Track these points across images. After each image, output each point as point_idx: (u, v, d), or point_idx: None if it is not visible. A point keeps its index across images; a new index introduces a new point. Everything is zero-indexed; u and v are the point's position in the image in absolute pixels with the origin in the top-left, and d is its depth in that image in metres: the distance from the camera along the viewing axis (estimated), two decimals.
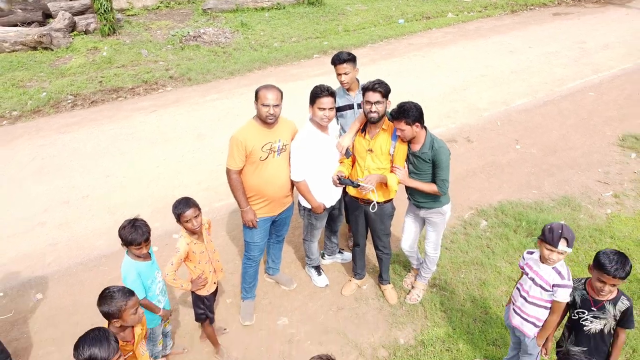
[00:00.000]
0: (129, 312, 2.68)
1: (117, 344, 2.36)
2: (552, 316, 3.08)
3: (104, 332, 2.35)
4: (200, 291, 3.54)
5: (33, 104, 8.43)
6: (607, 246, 4.95)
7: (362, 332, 4.11)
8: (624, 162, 6.45)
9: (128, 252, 3.29)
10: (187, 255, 3.38)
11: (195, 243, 3.39)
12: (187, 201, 3.32)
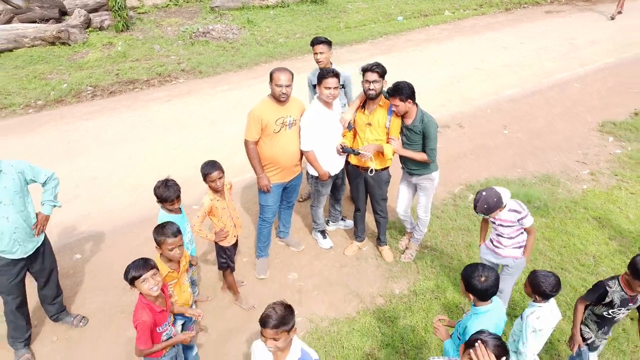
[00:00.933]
0: (166, 246, 3.27)
1: (149, 265, 3.01)
2: (530, 237, 3.86)
3: (141, 259, 3.05)
4: (222, 242, 4.13)
5: (56, 94, 9.04)
6: (580, 215, 5.57)
7: (363, 284, 4.72)
8: (602, 145, 7.06)
9: (162, 207, 3.89)
10: (211, 210, 3.97)
11: (217, 200, 3.99)
12: (214, 164, 3.92)
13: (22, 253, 3.80)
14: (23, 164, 3.75)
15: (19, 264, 3.82)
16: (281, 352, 2.58)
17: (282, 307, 2.54)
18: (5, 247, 3.70)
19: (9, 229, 3.66)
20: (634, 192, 5.97)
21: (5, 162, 3.63)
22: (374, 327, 4.25)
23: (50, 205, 3.97)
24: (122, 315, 4.46)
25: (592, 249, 5.10)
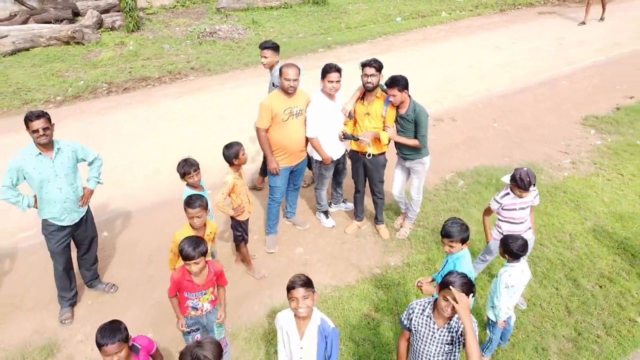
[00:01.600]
0: (187, 214, 3.82)
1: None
2: (533, 214, 4.37)
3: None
4: (239, 217, 4.69)
5: (73, 90, 9.60)
6: (560, 199, 6.13)
7: (361, 257, 5.28)
8: (584, 137, 7.61)
9: (186, 185, 4.45)
10: (233, 188, 4.52)
11: (237, 179, 4.54)
12: (239, 144, 4.47)
13: (69, 221, 4.37)
14: (76, 145, 4.35)
15: (65, 230, 4.39)
16: (304, 320, 2.95)
17: (304, 275, 2.98)
18: (56, 215, 4.27)
19: (61, 199, 4.24)
20: (610, 179, 6.53)
21: (63, 142, 4.23)
22: (371, 293, 4.80)
23: (94, 182, 4.56)
24: (147, 284, 5.02)
25: (568, 227, 5.65)
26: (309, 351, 2.97)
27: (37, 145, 4.13)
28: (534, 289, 4.85)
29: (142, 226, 5.82)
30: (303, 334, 2.98)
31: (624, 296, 4.80)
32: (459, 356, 2.96)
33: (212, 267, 3.66)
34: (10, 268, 5.28)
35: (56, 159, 4.21)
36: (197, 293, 3.60)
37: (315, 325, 2.99)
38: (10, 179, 4.14)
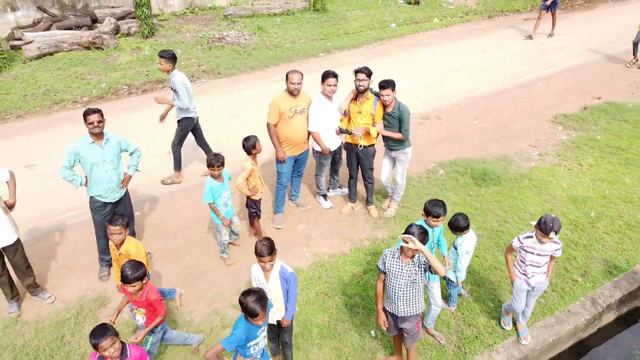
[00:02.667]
0: (110, 231, 4.52)
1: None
2: (552, 262, 4.54)
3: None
4: (254, 196, 5.71)
5: (97, 91, 10.63)
6: (525, 185, 7.15)
7: (354, 232, 6.30)
8: (552, 133, 8.63)
9: (210, 175, 5.43)
10: (251, 172, 5.53)
11: (254, 165, 5.56)
12: (255, 137, 5.48)
13: (111, 199, 5.39)
14: (121, 137, 5.37)
15: (108, 206, 5.41)
16: (269, 270, 3.95)
17: (267, 240, 3.89)
18: (101, 192, 5.29)
19: (106, 180, 5.26)
20: (570, 169, 7.55)
21: (111, 134, 5.25)
22: (362, 259, 5.83)
23: (133, 169, 5.57)
24: (175, 253, 6.04)
25: (530, 208, 6.68)
26: (275, 290, 4.00)
27: (91, 135, 5.15)
28: (496, 256, 5.88)
29: (165, 208, 6.85)
30: (269, 278, 4.00)
31: (570, 262, 5.83)
32: (422, 287, 3.97)
33: (147, 295, 4.05)
34: (61, 240, 6.31)
35: (104, 147, 5.23)
36: (134, 306, 4.15)
37: (276, 271, 3.98)
38: (68, 161, 5.17)
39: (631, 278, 5.67)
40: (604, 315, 5.50)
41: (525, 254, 4.48)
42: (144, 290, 4.03)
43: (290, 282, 4.02)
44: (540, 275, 4.53)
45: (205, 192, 5.36)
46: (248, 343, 3.57)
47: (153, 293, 4.09)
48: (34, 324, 5.06)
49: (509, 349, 4.87)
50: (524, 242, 4.46)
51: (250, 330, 3.53)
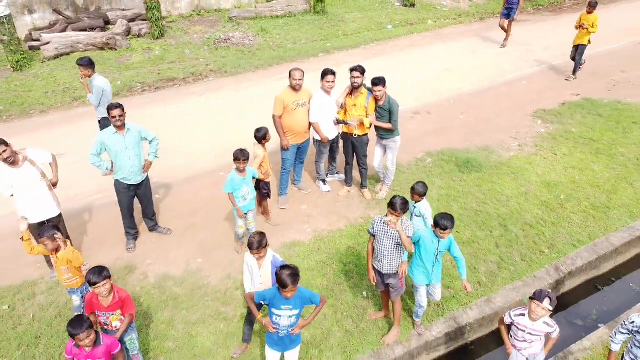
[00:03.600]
0: (41, 242, 5.45)
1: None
2: (550, 341, 4.42)
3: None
4: (266, 179, 6.51)
5: (113, 89, 11.34)
6: (504, 172, 7.96)
7: (350, 212, 7.12)
8: (532, 126, 9.44)
9: (235, 169, 6.12)
10: (264, 158, 6.33)
11: (265, 152, 6.35)
12: (266, 128, 6.27)
13: (134, 181, 6.20)
14: (141, 128, 6.18)
15: (131, 188, 6.22)
16: (262, 259, 4.47)
17: (259, 235, 4.38)
18: (125, 176, 6.10)
19: (129, 165, 6.06)
20: (545, 157, 8.36)
21: (132, 125, 6.06)
22: (356, 234, 6.65)
23: (153, 156, 6.38)
24: (192, 229, 6.86)
25: (507, 192, 7.49)
26: (265, 277, 4.54)
27: (114, 127, 5.96)
28: (474, 232, 6.70)
29: (182, 192, 7.67)
30: (261, 266, 4.53)
31: (539, 237, 6.65)
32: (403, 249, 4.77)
33: (117, 294, 4.29)
34: (90, 219, 7.14)
35: (126, 137, 6.03)
36: (106, 313, 4.31)
37: (269, 260, 4.52)
38: (96, 149, 5.97)
39: (591, 250, 6.49)
40: (567, 282, 6.32)
41: (517, 330, 4.39)
42: (114, 290, 4.27)
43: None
44: (536, 346, 4.41)
45: (227, 183, 5.86)
46: (272, 309, 4.21)
47: (122, 291, 4.37)
48: None
49: (481, 306, 5.70)
50: (514, 319, 4.38)
51: (276, 298, 4.12)
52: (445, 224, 4.55)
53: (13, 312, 5.53)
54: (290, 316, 4.21)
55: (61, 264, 4.84)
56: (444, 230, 4.58)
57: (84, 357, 3.91)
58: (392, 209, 4.52)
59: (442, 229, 4.56)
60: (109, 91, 7.74)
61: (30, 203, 5.52)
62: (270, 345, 4.47)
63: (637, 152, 8.50)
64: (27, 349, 5.08)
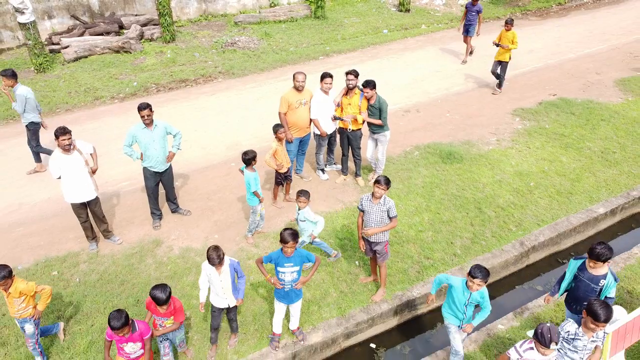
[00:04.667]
0: None
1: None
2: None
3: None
4: (280, 170, 7.53)
5: (130, 89, 12.51)
6: (482, 162, 9.00)
7: (345, 196, 8.17)
8: (510, 123, 10.49)
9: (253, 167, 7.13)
10: (276, 151, 7.36)
11: (279, 145, 7.38)
12: (281, 125, 7.30)
13: (159, 169, 7.24)
14: (166, 123, 7.22)
15: (157, 175, 7.27)
16: (220, 267, 5.00)
17: (215, 250, 4.86)
18: (152, 164, 7.13)
19: (156, 155, 7.10)
20: (520, 151, 9.41)
21: (159, 121, 7.09)
22: (350, 215, 7.70)
23: (176, 148, 7.41)
24: (209, 210, 7.90)
25: (483, 180, 8.54)
26: (225, 281, 5.11)
27: (144, 123, 7.00)
28: (452, 213, 7.74)
29: (197, 179, 8.73)
30: (220, 272, 5.06)
31: (509, 217, 7.69)
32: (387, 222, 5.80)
33: (173, 304, 4.86)
34: (119, 202, 8.19)
35: (154, 131, 7.08)
36: (162, 317, 4.98)
37: (227, 265, 5.09)
38: (127, 141, 7.02)
39: (553, 228, 7.54)
40: (530, 255, 7.37)
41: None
42: (171, 300, 4.87)
43: (237, 269, 5.19)
44: None
45: (255, 181, 6.74)
46: (278, 268, 5.21)
47: (177, 301, 4.99)
48: (110, 257, 6.94)
49: (454, 273, 6.73)
50: (524, 354, 4.29)
51: (280, 257, 5.16)
52: (476, 273, 4.64)
53: (62, 276, 6.59)
54: (292, 272, 5.23)
55: (15, 297, 5.02)
56: (474, 279, 4.69)
57: (122, 340, 4.62)
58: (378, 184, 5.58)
59: (472, 276, 4.66)
60: (32, 98, 8.62)
61: (74, 186, 6.56)
62: (278, 299, 5.51)
63: (602, 145, 9.55)
64: (77, 304, 6.13)
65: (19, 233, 7.45)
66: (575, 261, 5.17)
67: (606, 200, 8.12)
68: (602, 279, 4.94)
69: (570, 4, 20.02)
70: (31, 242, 7.25)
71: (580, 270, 5.09)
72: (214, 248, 4.96)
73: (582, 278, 5.06)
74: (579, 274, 5.11)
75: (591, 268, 4.97)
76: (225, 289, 5.18)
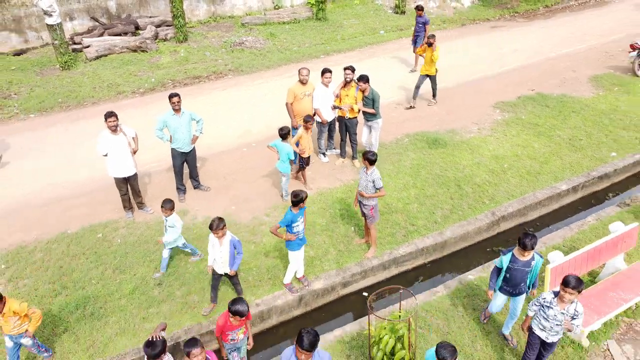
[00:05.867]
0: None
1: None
2: None
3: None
4: (302, 154, 8.77)
5: (149, 85, 13.77)
6: (463, 147, 10.27)
7: (343, 176, 9.44)
8: (491, 114, 11.76)
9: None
10: (301, 137, 8.61)
11: (304, 132, 8.59)
12: (310, 117, 8.56)
13: (185, 150, 8.51)
14: (191, 112, 8.49)
15: (183, 154, 8.54)
16: (222, 238, 6.02)
17: (218, 219, 5.85)
18: (180, 146, 8.41)
19: (183, 138, 8.37)
20: (497, 138, 10.67)
21: (185, 110, 8.36)
22: (347, 190, 8.96)
23: (199, 132, 8.69)
24: (226, 188, 9.17)
25: (463, 162, 9.80)
26: (224, 252, 6.08)
27: (173, 110, 8.27)
28: (435, 189, 9.01)
29: (215, 162, 10.01)
30: (222, 244, 6.05)
31: (484, 193, 8.95)
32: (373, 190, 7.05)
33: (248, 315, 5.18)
34: (150, 181, 9.46)
35: (181, 117, 8.35)
36: (235, 330, 5.32)
37: (227, 239, 6.05)
38: (159, 126, 8.30)
39: (520, 201, 8.80)
40: (501, 224, 8.63)
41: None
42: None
43: (237, 247, 6.14)
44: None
45: (288, 152, 8.19)
46: (292, 225, 6.45)
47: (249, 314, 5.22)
48: (144, 224, 8.22)
49: (435, 237, 8.01)
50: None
51: (293, 216, 6.41)
52: (444, 355, 4.31)
53: (105, 238, 7.87)
54: (302, 222, 6.56)
55: (9, 316, 5.34)
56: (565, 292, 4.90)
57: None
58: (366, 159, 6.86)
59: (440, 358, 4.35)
60: None
61: (118, 163, 7.84)
62: (292, 247, 6.68)
63: (571, 134, 10.82)
64: (121, 259, 7.42)
65: (65, 205, 8.73)
66: (506, 256, 5.67)
67: (569, 179, 9.38)
68: (532, 260, 5.58)
69: (557, 6, 21.29)
70: (76, 212, 8.53)
71: (512, 262, 5.61)
72: (218, 218, 5.99)
73: (517, 267, 5.59)
74: (512, 265, 5.61)
75: (523, 256, 5.55)
76: (223, 259, 6.18)
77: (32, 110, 12.42)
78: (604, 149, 10.31)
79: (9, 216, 8.50)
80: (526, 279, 5.63)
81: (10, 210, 8.64)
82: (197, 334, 6.25)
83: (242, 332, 5.45)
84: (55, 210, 8.62)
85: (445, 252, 8.16)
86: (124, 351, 6.08)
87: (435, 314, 6.57)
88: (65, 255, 7.52)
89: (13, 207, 8.73)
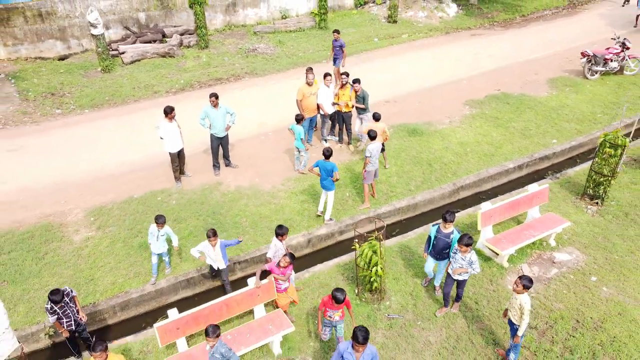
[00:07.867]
0: None
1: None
2: None
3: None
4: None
5: (179, 86, 16.46)
6: (436, 136, 12.96)
7: (341, 157, 12.13)
8: (461, 110, 14.43)
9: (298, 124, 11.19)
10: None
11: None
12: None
13: (220, 135, 11.21)
14: (227, 106, 11.19)
15: (218, 139, 11.24)
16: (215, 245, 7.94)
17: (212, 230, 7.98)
18: (217, 132, 11.12)
19: (220, 126, 11.07)
20: (464, 129, 13.35)
21: (222, 105, 11.06)
22: (344, 168, 11.64)
23: (232, 122, 11.38)
24: (250, 166, 11.85)
25: (435, 147, 12.49)
26: (217, 254, 7.88)
27: (212, 104, 10.97)
28: (411, 167, 11.69)
29: (240, 146, 12.71)
30: (214, 249, 7.84)
31: (448, 169, 11.63)
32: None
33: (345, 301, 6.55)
34: (191, 161, 12.15)
35: (219, 110, 11.04)
36: (334, 310, 6.68)
37: (219, 244, 7.81)
38: (202, 117, 11.00)
39: (476, 175, 11.49)
40: (460, 192, 11.31)
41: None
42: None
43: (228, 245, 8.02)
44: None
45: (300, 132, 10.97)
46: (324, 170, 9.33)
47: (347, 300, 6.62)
48: (191, 191, 10.93)
49: (408, 200, 10.70)
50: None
51: (325, 164, 9.30)
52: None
53: (163, 200, 10.58)
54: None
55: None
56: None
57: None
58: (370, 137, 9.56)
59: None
60: None
61: (173, 141, 10.53)
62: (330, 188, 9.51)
63: (524, 125, 13.49)
64: (177, 214, 10.12)
65: (129, 177, 11.44)
66: (434, 227, 7.59)
67: (516, 159, 12.06)
68: (451, 234, 7.44)
69: (532, 15, 23.94)
70: (139, 182, 11.24)
71: (438, 232, 7.51)
72: (212, 230, 7.74)
73: (440, 237, 7.48)
74: (437, 235, 7.51)
75: (445, 229, 7.45)
76: (217, 259, 8.02)
77: (86, 107, 15.12)
78: (548, 137, 12.99)
79: (91, 184, 11.21)
80: (448, 247, 7.47)
81: (89, 180, 11.36)
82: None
83: (339, 315, 6.77)
84: (121, 181, 11.33)
85: (417, 212, 10.84)
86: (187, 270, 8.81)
87: (404, 250, 9.26)
88: (135, 212, 10.23)
89: (92, 177, 11.46)
